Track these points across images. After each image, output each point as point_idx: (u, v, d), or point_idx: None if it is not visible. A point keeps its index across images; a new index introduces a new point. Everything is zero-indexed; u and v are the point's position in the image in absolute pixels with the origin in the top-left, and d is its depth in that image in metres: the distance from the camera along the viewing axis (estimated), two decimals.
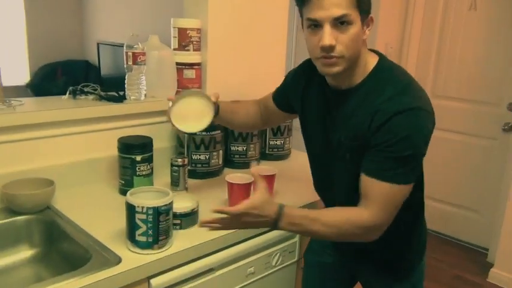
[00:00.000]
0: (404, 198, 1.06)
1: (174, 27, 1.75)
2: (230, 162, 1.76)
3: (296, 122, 2.07)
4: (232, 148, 1.75)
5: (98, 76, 3.88)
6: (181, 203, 1.24)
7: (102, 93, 1.59)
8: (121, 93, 1.60)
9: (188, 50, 1.74)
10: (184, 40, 1.74)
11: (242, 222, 1.05)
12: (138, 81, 1.60)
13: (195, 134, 1.47)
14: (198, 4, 1.78)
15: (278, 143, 1.88)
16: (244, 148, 1.75)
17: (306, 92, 1.25)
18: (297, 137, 2.27)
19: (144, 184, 1.41)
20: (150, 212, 1.08)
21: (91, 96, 1.60)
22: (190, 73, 1.75)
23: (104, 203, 1.37)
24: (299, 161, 1.94)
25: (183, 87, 1.75)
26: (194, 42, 1.75)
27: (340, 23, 1.00)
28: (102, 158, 1.53)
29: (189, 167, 1.53)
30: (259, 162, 1.85)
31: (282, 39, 2.10)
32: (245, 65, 1.95)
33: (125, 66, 1.59)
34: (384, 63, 1.12)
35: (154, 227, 1.09)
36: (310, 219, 1.06)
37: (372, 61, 1.11)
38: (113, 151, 1.46)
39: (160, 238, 1.11)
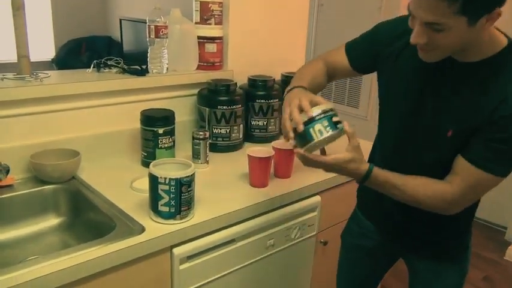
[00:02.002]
0: (493, 187, 1.04)
1: (196, 1, 1.74)
2: (250, 136, 1.76)
3: None
4: (253, 122, 1.75)
5: (120, 52, 3.91)
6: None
7: (125, 67, 1.61)
8: (143, 66, 1.62)
9: (210, 24, 1.74)
10: (206, 13, 1.73)
11: (332, 169, 1.08)
12: (160, 54, 1.61)
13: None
14: None
15: None
16: (265, 122, 1.75)
17: (400, 60, 1.12)
18: None
19: (166, 156, 1.42)
20: (173, 183, 1.10)
21: (114, 70, 1.61)
22: (211, 47, 1.75)
23: (128, 174, 1.40)
24: None
25: (205, 61, 1.75)
26: (216, 16, 1.74)
27: (433, 27, 0.90)
28: (125, 130, 1.55)
29: (210, 141, 1.55)
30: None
31: (304, 16, 2.08)
32: (266, 40, 1.93)
33: (147, 39, 1.60)
34: None
35: (176, 198, 1.11)
36: (393, 184, 1.06)
37: (503, 38, 0.98)
38: (136, 124, 1.48)
39: (183, 209, 1.13)
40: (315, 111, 1.02)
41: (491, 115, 0.96)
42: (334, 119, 1.03)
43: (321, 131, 1.02)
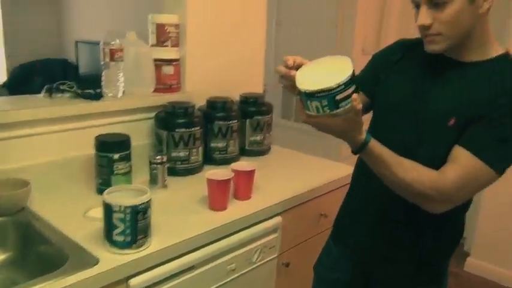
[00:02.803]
0: (485, 185, 1.04)
1: (152, 23, 1.73)
2: (210, 158, 1.74)
3: (276, 117, 2.08)
4: (213, 144, 1.74)
5: (76, 75, 3.83)
6: None
7: (79, 91, 1.56)
8: (98, 90, 1.58)
9: (166, 46, 1.73)
10: (163, 36, 1.72)
11: (335, 124, 0.99)
12: (115, 78, 1.58)
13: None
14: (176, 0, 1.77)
15: (258, 138, 1.87)
16: (224, 144, 1.74)
17: (398, 64, 1.21)
18: (277, 132, 2.27)
19: (122, 183, 1.39)
20: (128, 211, 1.07)
21: (67, 94, 1.57)
22: (168, 69, 1.73)
23: (81, 203, 1.35)
24: (279, 156, 1.94)
25: (162, 83, 1.73)
26: (172, 38, 1.73)
27: (435, 2, 0.99)
28: (79, 157, 1.50)
29: (168, 165, 1.52)
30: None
31: (261, 36, 2.10)
32: (224, 61, 1.94)
33: (102, 63, 1.56)
34: None
35: (132, 226, 1.08)
36: (387, 161, 1.03)
37: (499, 48, 1.08)
38: (90, 150, 1.44)
39: (139, 237, 1.10)
40: (316, 87, 0.93)
41: (493, 104, 1.00)
42: (339, 96, 0.93)
43: (318, 108, 0.95)
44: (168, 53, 1.73)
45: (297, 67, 1.03)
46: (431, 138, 1.09)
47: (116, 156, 1.40)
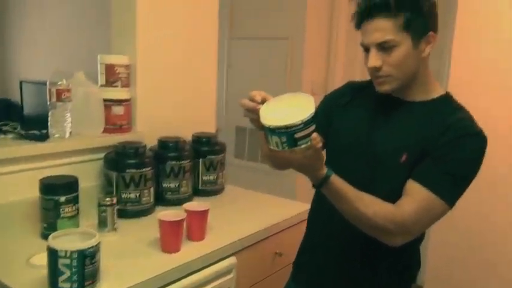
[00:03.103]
0: (439, 217, 1.08)
1: (101, 64, 1.72)
2: (162, 199, 1.71)
3: (228, 157, 2.08)
4: (164, 185, 1.71)
5: (20, 115, 3.68)
6: None
7: (23, 132, 1.50)
8: (44, 131, 1.53)
9: (116, 86, 1.71)
10: (112, 76, 1.71)
11: (295, 160, 1.01)
12: (62, 118, 1.54)
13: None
14: (126, 40, 1.77)
15: (211, 178, 1.86)
16: (177, 184, 1.71)
17: (349, 106, 1.27)
18: (230, 172, 2.27)
19: (68, 227, 1.33)
20: (75, 256, 1.02)
21: (10, 135, 1.51)
22: (118, 109, 1.71)
23: (24, 249, 1.27)
24: (233, 195, 1.93)
25: (111, 124, 1.70)
26: (122, 78, 1.72)
27: (384, 47, 1.07)
28: (23, 201, 1.42)
29: (118, 206, 1.47)
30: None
31: (212, 76, 2.13)
32: (176, 101, 1.94)
33: (48, 103, 1.52)
34: (454, 99, 1.18)
35: (79, 272, 1.03)
36: (347, 196, 1.06)
37: (440, 89, 1.18)
38: (36, 193, 1.37)
39: (87, 283, 1.04)
40: (277, 124, 0.94)
41: (439, 140, 1.08)
42: (298, 134, 0.95)
43: (277, 143, 0.97)
44: (118, 93, 1.72)
45: (263, 102, 1.05)
46: (386, 174, 1.14)
47: (63, 198, 1.34)
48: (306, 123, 0.95)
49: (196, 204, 1.47)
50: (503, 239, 2.46)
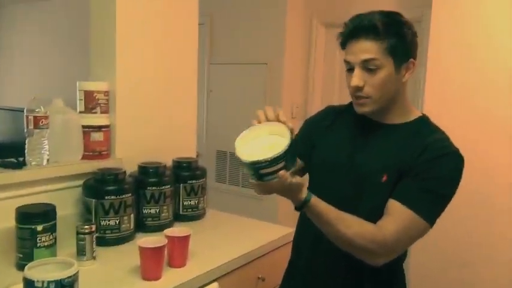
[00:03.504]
0: (419, 235, 1.10)
1: (80, 90, 1.71)
2: (143, 226, 1.68)
3: (210, 181, 2.07)
4: (145, 211, 1.68)
5: None
6: None
7: None
8: (20, 159, 1.50)
9: (95, 113, 1.70)
10: (91, 103, 1.70)
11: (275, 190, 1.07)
12: (39, 146, 1.51)
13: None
14: (105, 66, 1.77)
15: (192, 203, 1.84)
16: (157, 210, 1.69)
17: (330, 129, 1.31)
18: (212, 196, 2.25)
19: (45, 256, 1.29)
20: (52, 286, 0.99)
21: None
22: (98, 136, 1.70)
23: None
24: (214, 220, 1.92)
25: (90, 150, 1.69)
26: (102, 105, 1.71)
27: (369, 67, 1.11)
28: None
29: (97, 234, 1.44)
30: None
31: (193, 102, 2.14)
32: (156, 126, 1.93)
33: (25, 130, 1.50)
34: (431, 121, 1.22)
35: None
36: (327, 218, 1.08)
37: (417, 112, 1.23)
38: (12, 222, 1.33)
39: None
40: (244, 158, 1.00)
41: (417, 160, 1.11)
42: (263, 171, 0.99)
43: (249, 174, 1.03)
44: (97, 119, 1.71)
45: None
46: (368, 193, 1.16)
47: (40, 227, 1.31)
48: (272, 162, 0.98)
49: (177, 230, 1.45)
50: (480, 259, 2.49)
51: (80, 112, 1.70)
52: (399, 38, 1.12)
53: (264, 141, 1.05)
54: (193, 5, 2.07)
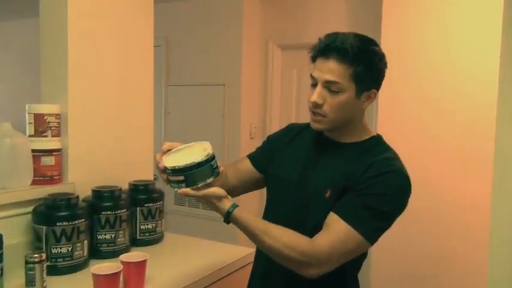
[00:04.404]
0: (355, 251, 1.11)
1: (29, 113, 1.65)
2: (97, 252, 1.62)
3: (168, 204, 2.03)
4: (99, 236, 1.62)
5: None
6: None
7: None
8: None
9: (46, 136, 1.64)
10: (42, 126, 1.64)
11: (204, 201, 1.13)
12: None
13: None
14: (57, 88, 1.73)
15: (149, 226, 1.80)
16: (113, 235, 1.64)
17: (288, 145, 1.34)
18: (171, 219, 2.21)
19: None
20: None
21: None
22: (49, 160, 1.63)
23: None
24: (173, 244, 1.87)
25: (41, 175, 1.62)
26: (53, 128, 1.66)
27: (331, 88, 1.14)
28: None
29: (48, 263, 1.38)
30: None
31: (149, 124, 2.11)
32: (111, 150, 1.89)
33: None
34: (383, 140, 1.26)
35: None
36: (253, 230, 1.10)
37: (371, 131, 1.26)
38: None
39: None
40: (166, 164, 1.11)
41: (361, 176, 1.13)
42: (170, 177, 1.11)
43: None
44: (48, 143, 1.65)
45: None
46: (315, 210, 1.18)
47: None
48: (174, 171, 1.10)
49: (133, 255, 1.40)
50: (447, 269, 2.56)
51: (30, 136, 1.64)
52: (366, 67, 1.13)
53: (193, 152, 1.14)
54: (148, 26, 2.06)
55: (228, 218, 1.11)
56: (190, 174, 1.08)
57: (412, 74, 2.61)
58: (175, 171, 1.09)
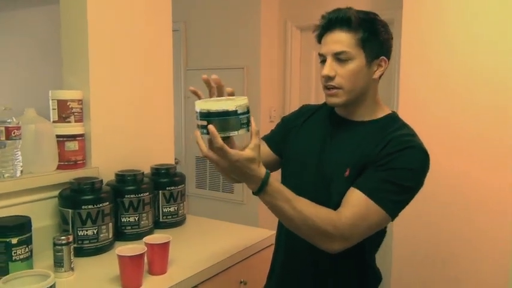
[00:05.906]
0: (377, 225, 1.12)
1: (52, 100, 1.68)
2: (121, 234, 1.66)
3: (190, 187, 2.06)
4: (123, 219, 1.66)
5: None
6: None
7: None
8: None
9: (69, 122, 1.68)
10: (65, 112, 1.67)
11: (233, 167, 1.00)
12: (12, 157, 1.48)
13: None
14: (78, 75, 1.75)
15: (172, 209, 1.83)
16: (136, 218, 1.67)
17: (303, 126, 1.35)
18: (192, 202, 2.23)
19: (22, 269, 1.25)
20: None
21: None
22: (72, 145, 1.67)
23: None
24: (195, 226, 1.90)
25: (65, 160, 1.66)
26: (76, 113, 1.69)
27: (340, 58, 1.15)
28: None
29: (74, 245, 1.42)
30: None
31: (169, 108, 2.13)
32: (133, 134, 1.91)
33: None
34: (400, 118, 1.25)
35: None
36: (286, 196, 1.05)
37: (386, 109, 1.26)
38: None
39: None
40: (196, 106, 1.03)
41: (380, 152, 1.13)
42: (197, 122, 1.02)
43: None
44: (71, 128, 1.68)
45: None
46: (335, 189, 1.17)
47: (14, 240, 1.28)
48: (200, 115, 1.01)
49: (156, 237, 1.43)
50: (468, 253, 2.53)
51: (54, 122, 1.68)
52: (371, 33, 1.16)
53: (227, 103, 1.03)
54: (167, 11, 2.07)
55: (265, 183, 1.01)
56: (213, 121, 0.99)
57: (434, 68, 2.52)
58: (200, 114, 1.01)
